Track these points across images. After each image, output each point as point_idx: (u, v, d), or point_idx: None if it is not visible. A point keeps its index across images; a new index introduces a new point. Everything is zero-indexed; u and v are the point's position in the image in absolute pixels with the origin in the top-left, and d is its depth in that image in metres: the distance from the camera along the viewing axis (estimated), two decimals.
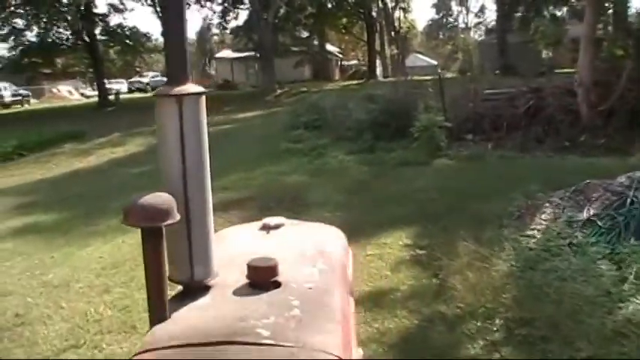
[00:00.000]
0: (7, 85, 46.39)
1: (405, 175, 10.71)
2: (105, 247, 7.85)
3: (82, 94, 57.06)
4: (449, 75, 34.03)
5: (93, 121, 26.97)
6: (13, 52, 38.80)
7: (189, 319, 1.84)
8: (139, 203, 1.80)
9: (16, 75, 42.57)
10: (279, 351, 1.64)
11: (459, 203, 8.41)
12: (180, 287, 2.09)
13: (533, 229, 6.88)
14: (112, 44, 41.19)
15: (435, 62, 68.95)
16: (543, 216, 7.15)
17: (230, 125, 20.72)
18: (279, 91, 34.66)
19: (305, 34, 51.33)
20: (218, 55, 65.86)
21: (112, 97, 39.35)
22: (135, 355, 1.71)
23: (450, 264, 6.28)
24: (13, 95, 46.94)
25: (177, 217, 1.87)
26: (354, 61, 65.29)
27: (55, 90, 55.60)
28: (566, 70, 25.90)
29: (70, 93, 57.03)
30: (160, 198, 1.85)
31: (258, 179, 11.41)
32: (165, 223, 1.82)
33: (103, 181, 13.01)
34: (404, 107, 14.43)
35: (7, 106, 44.45)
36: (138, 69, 62.80)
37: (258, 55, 42.04)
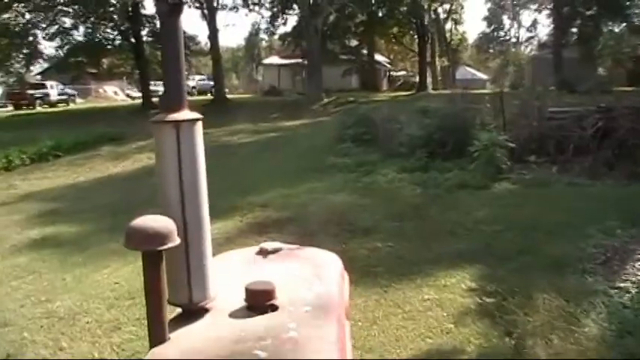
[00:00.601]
0: (54, 84, 46.62)
1: (463, 201, 9.58)
2: (123, 271, 6.92)
3: (128, 95, 57.26)
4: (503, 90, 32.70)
5: (134, 123, 26.22)
6: (60, 52, 38.64)
7: (187, 340, 1.85)
8: (140, 227, 1.80)
9: (62, 74, 42.57)
10: None
11: (529, 240, 7.25)
12: (179, 310, 2.08)
13: (625, 280, 5.74)
14: (158, 46, 40.78)
15: (484, 76, 67.49)
16: (638, 264, 6.01)
17: (274, 134, 19.92)
18: (325, 100, 33.63)
19: (354, 43, 50.25)
20: (265, 61, 65.28)
21: (155, 100, 38.86)
22: None
23: (527, 320, 5.16)
24: (60, 94, 47.15)
25: (178, 240, 1.87)
26: (402, 72, 64.08)
27: (100, 90, 55.89)
28: (625, 89, 24.46)
29: (115, 93, 57.32)
30: (161, 222, 1.85)
31: (301, 197, 10.42)
32: (166, 247, 1.82)
33: (135, 190, 12.16)
34: (461, 123, 13.30)
35: (53, 104, 44.68)
36: (185, 72, 62.51)
37: (306, 62, 41.14)
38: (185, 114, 2.05)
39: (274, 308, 2.02)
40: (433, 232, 7.89)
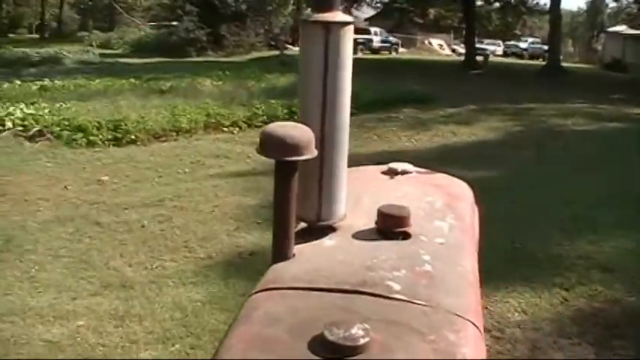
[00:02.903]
0: (378, 30, 45.37)
1: None
2: None
3: (453, 50, 54.42)
4: None
5: (451, 83, 23.00)
6: None
7: (313, 260, 1.63)
8: (278, 134, 1.59)
9: (387, 21, 40.83)
10: (411, 308, 1.41)
11: None
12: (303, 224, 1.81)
13: None
14: (491, 1, 36.73)
15: None
16: None
17: (620, 124, 14.69)
18: None
19: None
20: (609, 29, 57.43)
21: (480, 59, 35.06)
22: (254, 292, 1.49)
23: None
24: (383, 42, 45.79)
25: (315, 152, 1.64)
26: None
27: (426, 42, 53.85)
28: None
29: (440, 47, 54.83)
30: (300, 130, 1.62)
31: None
32: (303, 158, 1.60)
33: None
34: None
35: (375, 51, 43.64)
36: (517, 32, 57.97)
37: None
38: (336, 15, 1.73)
39: (407, 236, 1.77)
40: None
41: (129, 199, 7.44)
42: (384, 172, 2.41)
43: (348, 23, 1.75)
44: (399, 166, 2.41)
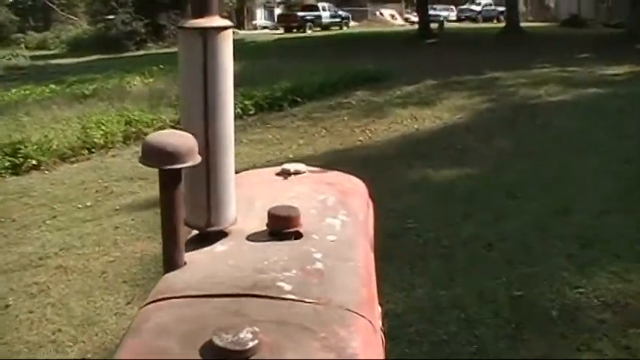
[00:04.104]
0: (326, 5, 43.83)
1: None
2: None
3: (406, 20, 53.03)
4: None
5: (406, 56, 21.36)
6: None
7: (205, 267, 1.62)
8: (158, 142, 1.57)
9: None
10: (302, 307, 1.42)
11: None
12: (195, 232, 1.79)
13: None
14: None
15: None
16: None
17: (597, 89, 13.01)
18: None
19: None
20: None
21: (434, 26, 33.46)
22: (145, 303, 1.45)
23: None
24: (332, 17, 44.20)
25: (198, 159, 1.61)
26: None
27: (377, 13, 52.44)
28: None
29: (392, 17, 53.59)
30: (182, 138, 1.59)
31: None
32: (185, 165, 1.57)
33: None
34: None
35: (325, 27, 42.18)
36: None
37: None
38: (214, 20, 1.74)
39: (298, 236, 1.76)
40: None
41: (3, 257, 5.72)
42: (277, 174, 2.37)
43: (226, 28, 1.77)
44: (292, 166, 2.37)
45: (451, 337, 3.85)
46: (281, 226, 1.74)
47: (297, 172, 2.34)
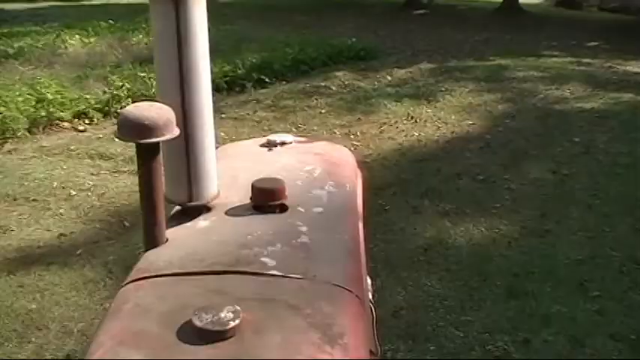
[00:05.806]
0: None
1: None
2: None
3: None
4: None
5: (393, 28, 18.74)
6: None
7: (187, 243, 1.60)
8: (134, 115, 1.51)
9: None
10: (287, 283, 1.41)
11: None
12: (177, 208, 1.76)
13: None
14: None
15: None
16: None
17: (626, 93, 10.63)
18: None
19: None
20: None
21: None
22: (126, 282, 1.42)
23: None
24: None
25: (177, 132, 1.57)
26: None
27: None
28: None
29: None
30: (158, 110, 1.55)
31: None
32: (163, 139, 1.52)
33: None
34: None
35: None
36: None
37: None
38: None
39: (283, 208, 1.74)
40: None
41: None
42: (262, 145, 2.30)
43: None
44: (278, 137, 2.31)
45: None
46: (265, 199, 1.71)
47: (283, 143, 2.27)
